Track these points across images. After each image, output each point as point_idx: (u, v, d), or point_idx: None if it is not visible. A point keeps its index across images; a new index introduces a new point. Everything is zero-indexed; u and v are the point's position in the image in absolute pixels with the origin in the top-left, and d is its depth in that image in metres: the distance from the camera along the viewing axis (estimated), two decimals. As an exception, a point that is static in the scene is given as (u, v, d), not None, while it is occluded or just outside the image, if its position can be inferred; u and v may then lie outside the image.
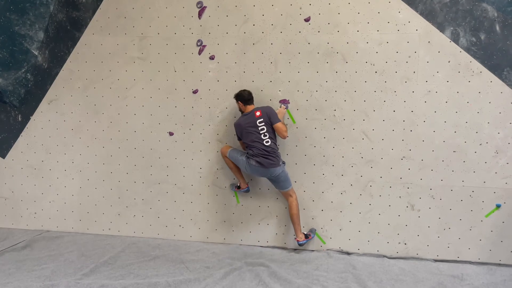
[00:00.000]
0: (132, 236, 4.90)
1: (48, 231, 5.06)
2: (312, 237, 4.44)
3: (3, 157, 5.11)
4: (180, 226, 4.83)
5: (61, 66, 4.89)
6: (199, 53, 4.57)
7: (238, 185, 4.58)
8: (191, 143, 4.73)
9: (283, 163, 4.26)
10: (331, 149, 4.47)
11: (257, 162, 4.11)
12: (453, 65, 4.19)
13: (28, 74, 4.83)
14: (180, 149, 4.76)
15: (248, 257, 4.32)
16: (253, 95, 4.40)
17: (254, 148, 4.13)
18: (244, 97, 4.26)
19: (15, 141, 5.06)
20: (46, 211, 5.08)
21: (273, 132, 4.19)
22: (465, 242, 4.28)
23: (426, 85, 4.24)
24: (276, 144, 4.22)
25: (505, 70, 4.10)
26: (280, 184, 4.29)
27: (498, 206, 4.20)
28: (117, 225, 4.95)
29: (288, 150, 4.54)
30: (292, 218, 4.35)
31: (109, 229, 4.97)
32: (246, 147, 4.28)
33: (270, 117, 4.15)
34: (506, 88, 4.11)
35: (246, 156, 4.22)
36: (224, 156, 4.46)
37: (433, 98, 4.24)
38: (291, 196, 4.35)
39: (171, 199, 4.83)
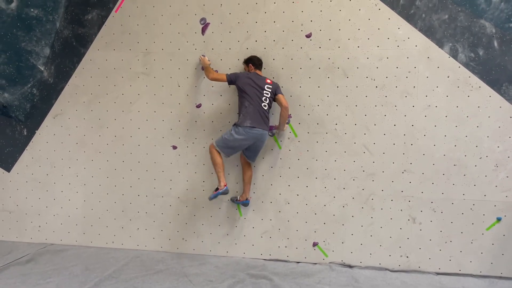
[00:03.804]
0: (135, 249, 4.93)
1: (52, 244, 5.09)
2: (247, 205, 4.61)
3: (8, 170, 5.16)
4: (183, 239, 4.86)
5: (67, 81, 4.97)
6: (203, 68, 4.64)
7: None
8: (194, 156, 4.79)
9: None
10: (333, 163, 4.53)
11: (254, 122, 4.18)
12: (452, 80, 4.26)
13: (34, 89, 4.91)
14: (183, 162, 4.81)
15: (250, 270, 4.34)
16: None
17: (253, 107, 4.20)
18: (254, 61, 4.40)
19: (20, 155, 5.12)
20: (50, 224, 5.12)
21: (271, 104, 4.33)
22: (466, 255, 4.31)
23: (426, 100, 4.31)
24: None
25: (504, 85, 4.17)
26: (257, 153, 4.43)
27: (498, 219, 4.24)
28: (120, 238, 4.99)
29: (290, 164, 4.60)
30: (249, 179, 4.54)
31: (113, 242, 5.00)
32: (241, 110, 4.28)
33: (276, 89, 4.32)
34: (505, 102, 4.18)
35: (234, 125, 4.28)
36: (212, 150, 4.35)
37: (433, 112, 4.31)
38: (250, 164, 4.58)
39: (174, 212, 4.88)
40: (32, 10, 4.63)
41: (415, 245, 4.40)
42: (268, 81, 4.31)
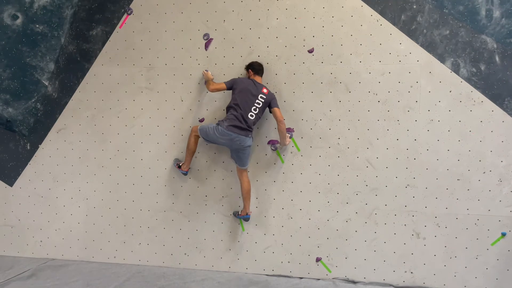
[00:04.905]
0: (137, 265, 4.89)
1: (53, 259, 5.05)
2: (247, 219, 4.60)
3: (11, 185, 5.16)
4: (185, 254, 4.83)
5: (70, 96, 5.00)
6: (206, 83, 4.66)
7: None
8: (197, 170, 4.79)
9: (252, 139, 4.37)
10: (336, 177, 4.52)
11: (231, 126, 4.20)
12: (455, 94, 4.27)
13: (38, 103, 4.95)
14: (186, 176, 4.80)
15: (253, 286, 4.31)
16: (259, 124, 4.53)
17: (236, 113, 4.22)
18: (254, 67, 4.43)
19: (23, 170, 5.12)
20: (52, 239, 5.09)
21: (261, 114, 4.33)
22: (471, 270, 4.27)
23: (429, 114, 4.32)
24: (254, 124, 4.33)
25: (506, 99, 4.18)
26: (244, 159, 4.39)
27: (503, 235, 4.21)
28: (122, 253, 4.95)
29: (293, 178, 4.59)
30: (248, 194, 4.46)
31: (115, 257, 4.96)
32: (227, 111, 4.33)
33: (271, 100, 4.32)
34: (507, 117, 4.18)
35: (216, 123, 4.31)
36: (193, 133, 4.48)
37: (436, 127, 4.31)
38: (245, 172, 4.48)
39: (176, 227, 4.85)
40: (37, 26, 4.68)
41: (419, 261, 4.36)
42: (265, 90, 4.32)
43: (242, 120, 4.22)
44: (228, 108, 4.34)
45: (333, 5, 4.47)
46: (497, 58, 4.20)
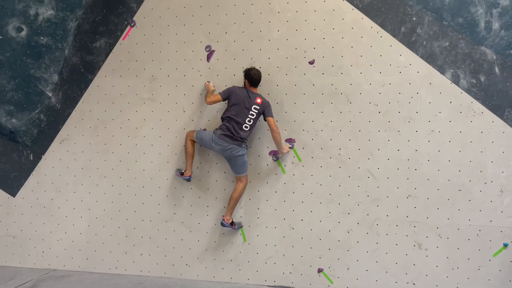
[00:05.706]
0: (138, 275, 4.88)
1: (55, 270, 5.05)
2: (235, 229, 4.60)
3: (14, 195, 5.18)
4: (186, 265, 4.82)
5: (74, 107, 5.05)
6: (207, 94, 4.71)
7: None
8: (198, 181, 4.81)
9: (246, 148, 4.43)
10: (337, 188, 4.53)
11: (223, 135, 4.29)
12: (455, 105, 4.30)
13: (41, 114, 4.99)
14: (187, 187, 4.82)
15: (255, 297, 4.30)
16: (260, 133, 4.56)
17: (229, 125, 4.30)
18: (252, 79, 4.39)
19: (26, 180, 5.14)
20: (54, 249, 5.10)
21: (255, 124, 4.37)
22: (474, 282, 4.25)
23: (429, 125, 4.34)
24: (248, 136, 4.38)
25: (506, 110, 4.20)
26: (236, 167, 4.43)
27: (505, 245, 4.20)
28: (124, 263, 4.95)
29: (294, 188, 4.60)
30: (231, 199, 4.50)
31: (116, 267, 4.96)
32: (222, 120, 4.41)
33: (265, 109, 4.35)
34: (508, 128, 4.20)
35: (213, 131, 4.40)
36: (188, 138, 4.57)
37: (437, 137, 4.33)
38: (241, 181, 4.51)
39: (178, 238, 4.85)
40: (41, 38, 4.75)
41: (421, 272, 4.34)
42: (258, 100, 4.35)
43: (235, 132, 4.29)
44: (222, 119, 4.41)
45: (333, 17, 4.52)
46: (496, 69, 4.23)
